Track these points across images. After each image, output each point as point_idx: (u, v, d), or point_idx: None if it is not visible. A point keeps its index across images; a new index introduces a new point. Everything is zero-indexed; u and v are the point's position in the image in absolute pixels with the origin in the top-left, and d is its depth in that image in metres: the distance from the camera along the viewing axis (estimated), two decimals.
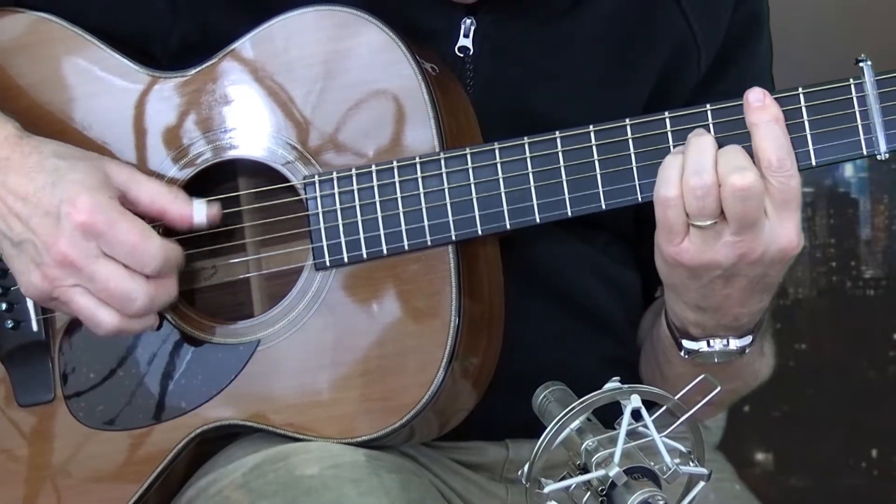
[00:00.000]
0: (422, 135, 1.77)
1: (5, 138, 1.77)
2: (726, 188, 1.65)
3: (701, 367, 1.80)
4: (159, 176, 1.83)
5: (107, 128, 1.85)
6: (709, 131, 1.71)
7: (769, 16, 1.99)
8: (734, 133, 1.71)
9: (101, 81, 1.86)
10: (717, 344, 1.80)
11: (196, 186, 1.83)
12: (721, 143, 1.70)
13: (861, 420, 3.50)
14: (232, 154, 1.82)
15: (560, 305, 1.92)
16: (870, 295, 3.51)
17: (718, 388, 1.50)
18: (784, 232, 1.68)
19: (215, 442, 1.85)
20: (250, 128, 1.82)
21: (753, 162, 1.68)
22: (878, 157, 1.69)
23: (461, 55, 1.85)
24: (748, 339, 1.81)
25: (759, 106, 1.70)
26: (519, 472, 1.43)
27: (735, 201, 1.66)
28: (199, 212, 1.78)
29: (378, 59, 1.77)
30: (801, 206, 1.69)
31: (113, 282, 1.74)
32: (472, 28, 1.85)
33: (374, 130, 1.78)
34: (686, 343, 1.82)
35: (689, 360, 1.83)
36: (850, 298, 3.50)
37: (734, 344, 1.80)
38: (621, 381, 1.45)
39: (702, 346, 1.81)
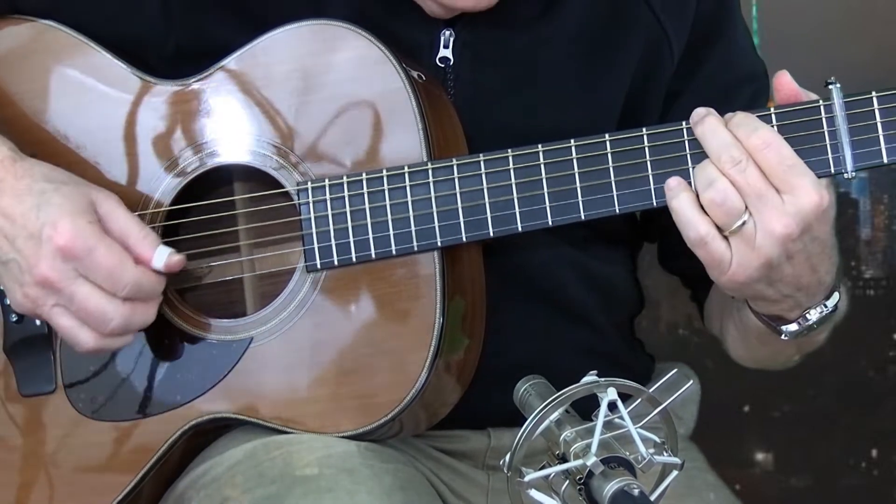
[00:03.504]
0: (410, 144, 1.89)
1: (0, 161, 1.88)
2: (724, 168, 1.78)
3: (804, 339, 1.93)
4: (158, 180, 1.94)
5: (109, 133, 1.97)
6: (684, 147, 1.84)
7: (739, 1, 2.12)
8: None
9: (104, 89, 1.97)
10: (814, 315, 1.90)
11: (194, 191, 1.95)
12: (697, 158, 1.83)
13: (861, 420, 3.55)
14: (229, 160, 1.94)
15: (539, 301, 2.04)
16: (870, 295, 3.55)
17: (691, 382, 1.64)
18: (802, 195, 1.78)
19: (208, 434, 1.97)
20: (247, 135, 1.93)
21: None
22: (846, 176, 1.82)
23: (442, 65, 1.98)
24: (837, 296, 1.91)
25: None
26: (501, 462, 1.54)
27: (737, 177, 1.77)
28: (160, 258, 1.88)
29: (370, 71, 1.89)
30: (804, 168, 1.79)
31: (90, 303, 1.85)
32: (452, 39, 1.98)
33: (365, 139, 1.90)
34: (786, 328, 1.91)
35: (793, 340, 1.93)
36: (850, 298, 3.46)
37: (830, 304, 1.90)
38: (598, 375, 1.54)
39: (801, 322, 1.90)
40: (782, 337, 1.93)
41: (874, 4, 3.40)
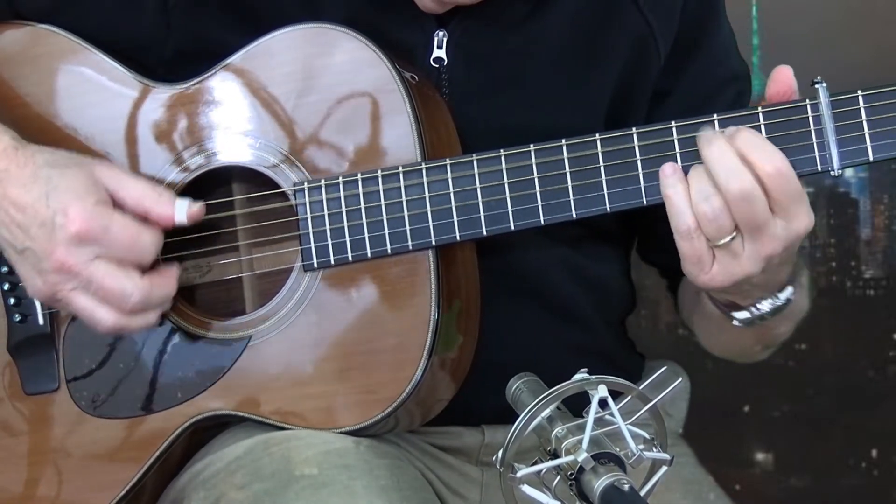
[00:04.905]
0: (404, 145, 1.93)
1: (3, 150, 1.91)
2: (728, 195, 1.81)
3: (757, 327, 1.98)
4: (158, 181, 1.97)
5: (109, 136, 2.00)
6: (674, 147, 1.88)
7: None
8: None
9: (104, 93, 2.00)
10: (766, 305, 1.95)
11: (193, 192, 1.97)
12: (686, 157, 1.87)
13: (861, 420, 3.57)
14: (227, 161, 1.98)
15: (531, 299, 2.08)
16: (870, 295, 3.56)
17: (680, 379, 1.66)
18: (796, 222, 1.84)
19: (209, 430, 2.01)
20: (244, 137, 1.97)
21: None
22: (832, 174, 1.87)
23: (436, 66, 2.02)
24: (790, 290, 1.96)
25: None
26: (494, 458, 1.57)
27: (740, 205, 1.81)
28: (181, 210, 1.93)
29: (364, 73, 1.93)
30: (804, 195, 1.84)
31: (107, 281, 1.88)
32: (445, 39, 2.01)
33: (361, 140, 1.94)
34: (737, 315, 1.98)
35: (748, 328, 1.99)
36: (850, 298, 3.55)
37: (782, 297, 1.96)
38: (589, 372, 1.58)
39: (752, 311, 1.97)
40: (734, 323, 1.98)
41: (874, 4, 3.41)
